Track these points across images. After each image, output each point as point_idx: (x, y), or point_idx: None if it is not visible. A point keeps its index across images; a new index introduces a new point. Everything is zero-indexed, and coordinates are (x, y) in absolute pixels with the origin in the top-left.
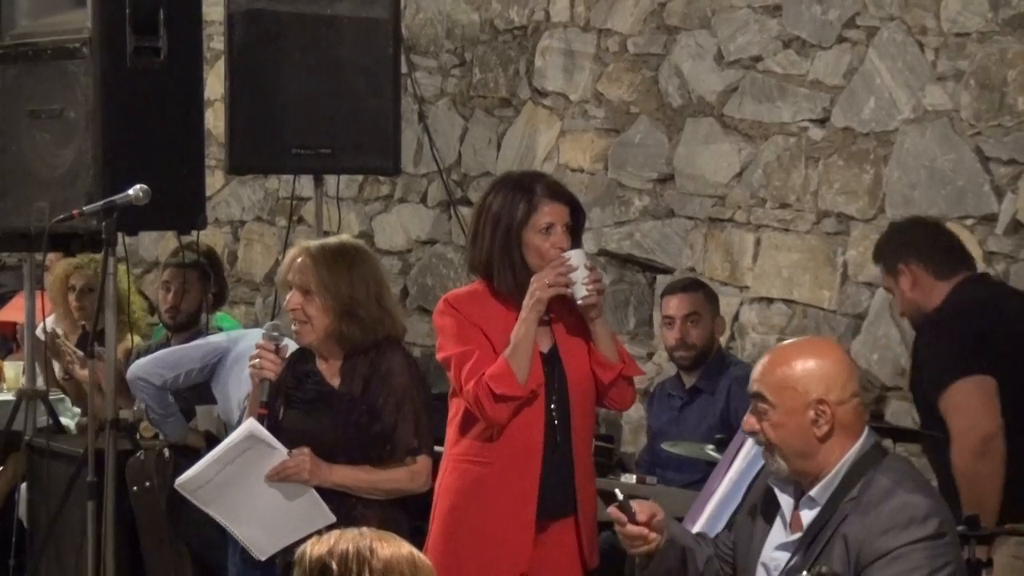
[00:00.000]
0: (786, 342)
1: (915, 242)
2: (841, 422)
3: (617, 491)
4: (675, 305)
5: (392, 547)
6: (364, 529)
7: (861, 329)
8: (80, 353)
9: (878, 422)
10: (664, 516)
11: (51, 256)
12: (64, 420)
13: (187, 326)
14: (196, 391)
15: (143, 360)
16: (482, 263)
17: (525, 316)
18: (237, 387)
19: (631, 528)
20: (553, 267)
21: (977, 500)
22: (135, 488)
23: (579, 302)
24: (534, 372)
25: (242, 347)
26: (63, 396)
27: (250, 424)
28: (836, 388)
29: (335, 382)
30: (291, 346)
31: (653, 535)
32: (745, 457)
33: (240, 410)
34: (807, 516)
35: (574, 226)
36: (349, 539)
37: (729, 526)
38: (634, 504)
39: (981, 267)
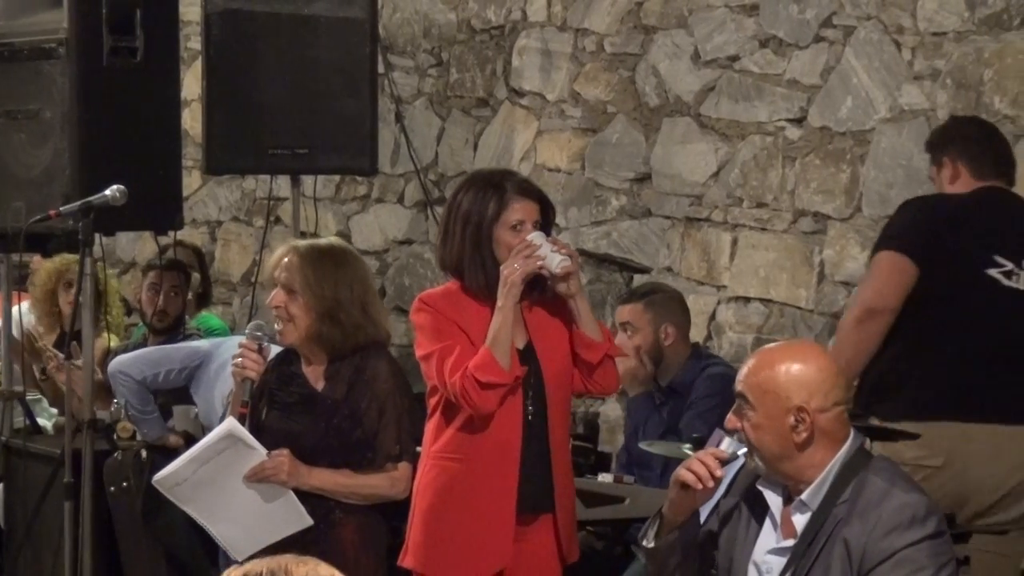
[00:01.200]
0: (774, 344)
1: (965, 139)
2: (822, 430)
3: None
4: (617, 313)
5: (308, 567)
6: (285, 555)
7: (838, 328)
8: (60, 355)
9: (858, 420)
10: None
11: (36, 259)
12: (41, 421)
13: (171, 328)
14: (174, 393)
15: (125, 356)
16: (453, 262)
17: (501, 304)
18: (222, 394)
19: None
20: (518, 251)
21: (836, 353)
22: (112, 488)
23: (556, 271)
24: (513, 363)
25: (227, 354)
26: (40, 397)
27: (229, 423)
28: (818, 396)
29: (319, 385)
30: (274, 347)
31: (712, 483)
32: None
33: (224, 407)
34: (800, 521)
35: (543, 223)
36: (264, 562)
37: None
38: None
39: None
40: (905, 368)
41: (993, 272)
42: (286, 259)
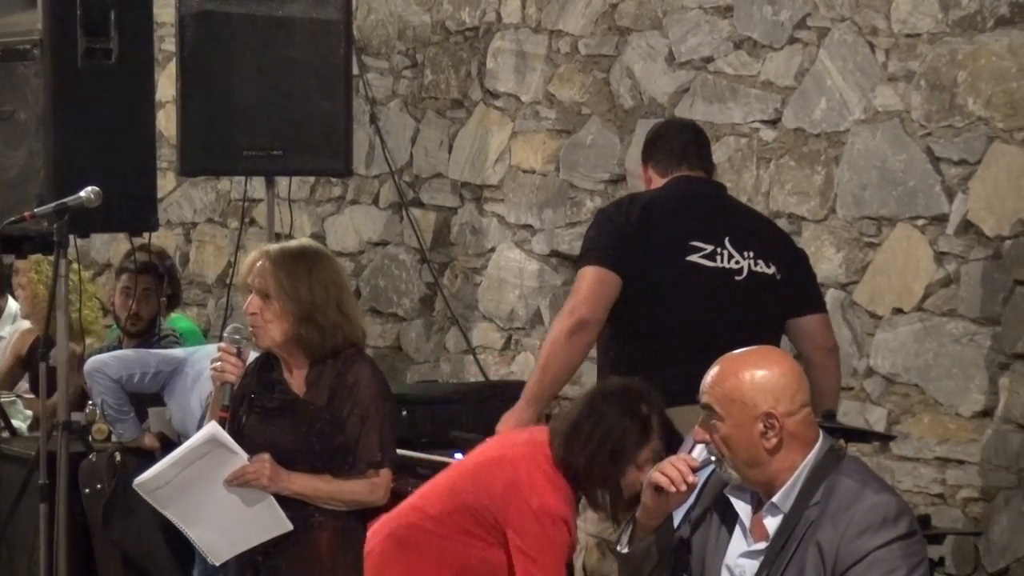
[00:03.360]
0: (735, 352)
1: (650, 144)
2: (791, 433)
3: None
4: None
5: None
6: None
7: None
8: None
9: (829, 422)
10: None
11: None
12: (16, 422)
13: (145, 331)
14: (147, 399)
15: (102, 355)
16: (579, 469)
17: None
18: (200, 398)
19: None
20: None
21: (545, 365)
22: (87, 490)
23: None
24: None
25: (203, 362)
26: (15, 398)
27: (212, 427)
28: (785, 400)
29: (301, 391)
30: (253, 352)
31: (685, 487)
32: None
33: (204, 408)
34: (771, 523)
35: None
36: None
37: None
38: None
39: (932, 268)
40: (643, 365)
41: (694, 258)
42: (258, 264)
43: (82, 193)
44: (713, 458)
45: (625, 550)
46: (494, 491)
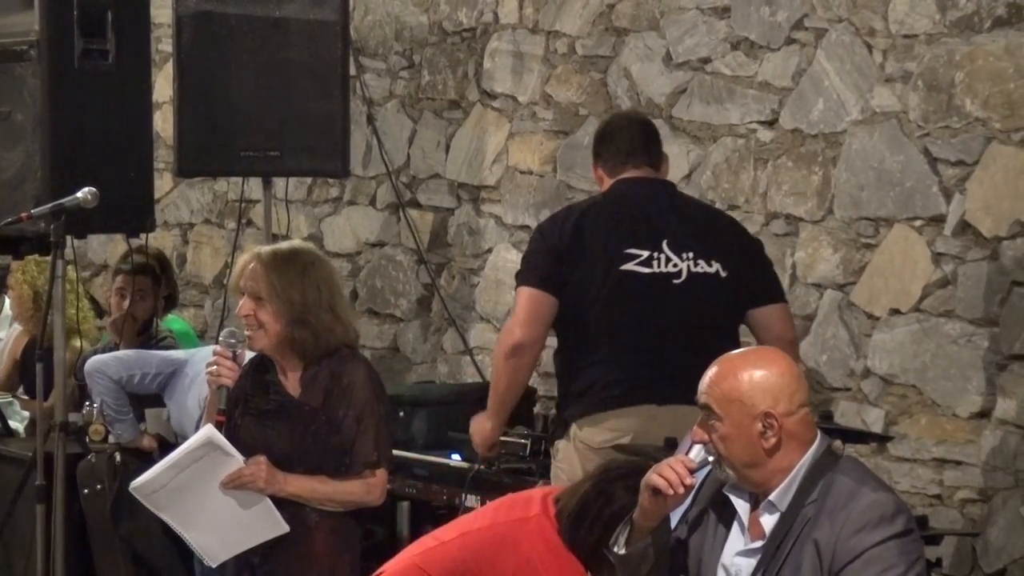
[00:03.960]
0: (734, 352)
1: (598, 142)
2: (790, 433)
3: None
4: None
5: None
6: None
7: (810, 330)
8: None
9: (827, 423)
10: None
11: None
12: (13, 423)
13: (141, 332)
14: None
15: (102, 356)
16: (589, 550)
17: None
18: (197, 399)
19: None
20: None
21: (495, 384)
22: (86, 491)
23: None
24: None
25: (201, 364)
26: (11, 399)
27: (208, 431)
28: (784, 400)
29: (296, 393)
30: (248, 353)
31: (683, 489)
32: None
33: (201, 410)
34: (768, 522)
35: None
36: None
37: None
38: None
39: (929, 269)
40: (587, 374)
41: (629, 266)
42: (250, 266)
43: (79, 194)
44: (711, 458)
45: (622, 551)
46: (505, 571)
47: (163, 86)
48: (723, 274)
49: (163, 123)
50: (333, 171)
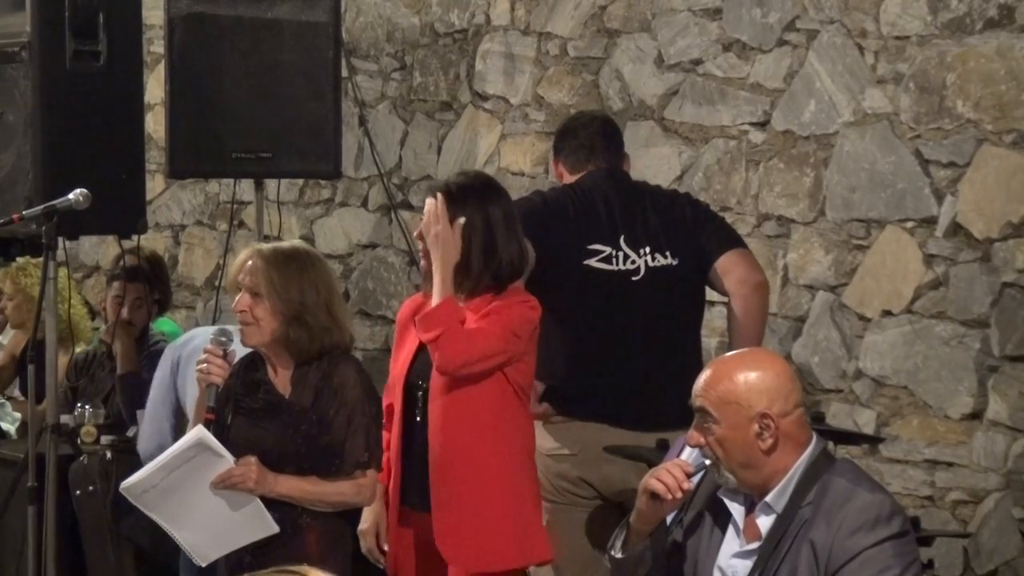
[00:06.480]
0: (728, 354)
1: (560, 137)
2: (786, 433)
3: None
4: None
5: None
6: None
7: (802, 332)
8: None
9: (819, 424)
10: None
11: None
12: (4, 425)
13: (138, 339)
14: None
15: (145, 443)
16: None
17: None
18: (192, 387)
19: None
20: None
21: None
22: (79, 492)
23: None
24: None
25: (190, 347)
26: (3, 401)
27: (198, 431)
28: (779, 400)
29: (286, 392)
30: (239, 351)
31: (680, 494)
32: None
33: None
34: (764, 523)
35: None
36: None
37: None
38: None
39: (921, 270)
40: (554, 370)
41: (591, 262)
42: (250, 262)
43: (71, 195)
44: (707, 462)
45: (619, 555)
46: None
47: (155, 87)
48: (673, 262)
49: (155, 124)
50: (325, 173)
